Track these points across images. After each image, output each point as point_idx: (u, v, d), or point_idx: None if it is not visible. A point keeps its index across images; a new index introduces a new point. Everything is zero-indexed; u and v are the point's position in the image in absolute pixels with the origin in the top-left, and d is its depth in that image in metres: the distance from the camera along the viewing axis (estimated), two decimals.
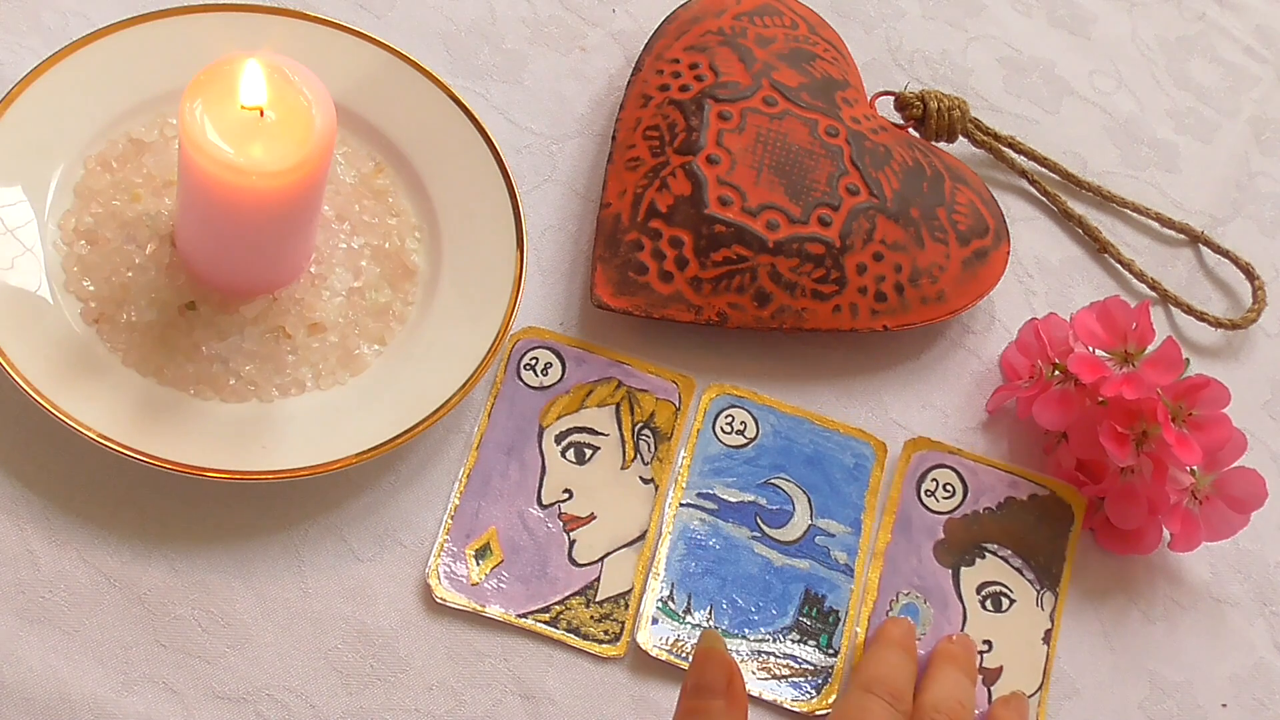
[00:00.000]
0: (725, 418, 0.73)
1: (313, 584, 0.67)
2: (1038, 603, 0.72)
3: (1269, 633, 0.74)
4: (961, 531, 0.72)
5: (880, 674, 0.66)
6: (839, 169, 0.75)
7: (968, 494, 0.73)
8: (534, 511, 0.70)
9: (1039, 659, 0.70)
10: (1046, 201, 0.84)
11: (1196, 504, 0.72)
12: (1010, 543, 0.73)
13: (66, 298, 0.68)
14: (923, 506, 0.73)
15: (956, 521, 0.73)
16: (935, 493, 0.73)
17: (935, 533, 0.72)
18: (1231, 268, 0.84)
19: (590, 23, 0.85)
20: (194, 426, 0.66)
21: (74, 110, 0.72)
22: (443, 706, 0.65)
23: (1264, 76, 0.93)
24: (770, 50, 0.78)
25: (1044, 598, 0.72)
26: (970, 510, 0.73)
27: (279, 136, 0.62)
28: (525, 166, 0.79)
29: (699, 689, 0.59)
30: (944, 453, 0.74)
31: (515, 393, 0.72)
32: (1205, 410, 0.71)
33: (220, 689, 0.64)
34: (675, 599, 0.69)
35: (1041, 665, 0.70)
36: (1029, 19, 0.92)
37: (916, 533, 0.72)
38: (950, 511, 0.73)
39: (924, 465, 0.74)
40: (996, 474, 0.74)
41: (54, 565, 0.65)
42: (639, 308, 0.73)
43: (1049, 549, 0.73)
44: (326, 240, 0.71)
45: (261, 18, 0.75)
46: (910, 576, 0.71)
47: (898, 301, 0.75)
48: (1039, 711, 0.69)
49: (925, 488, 0.73)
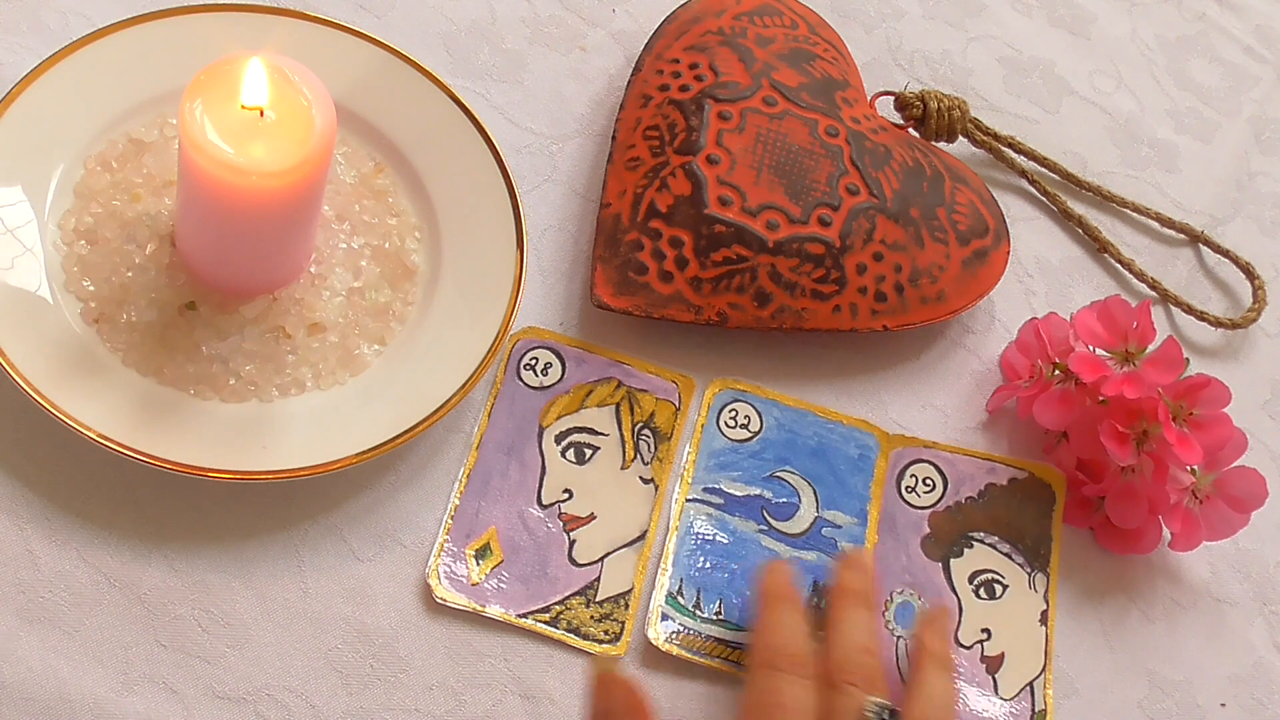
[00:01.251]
0: (729, 412, 0.73)
1: (313, 584, 0.67)
2: (1030, 585, 0.72)
3: (1269, 632, 0.74)
4: (946, 524, 0.73)
5: (775, 642, 0.63)
6: (839, 169, 0.75)
7: (948, 486, 0.74)
8: (534, 511, 0.70)
9: (1039, 641, 0.71)
10: (1046, 201, 0.85)
11: (1197, 503, 0.72)
12: (996, 529, 0.73)
13: (66, 298, 0.68)
14: (905, 503, 0.73)
15: (940, 514, 0.73)
16: (915, 488, 0.73)
17: (920, 528, 0.72)
18: (1231, 267, 0.85)
19: (590, 23, 0.85)
20: (194, 426, 0.66)
21: (74, 110, 0.72)
22: (443, 706, 0.65)
23: (1264, 76, 0.93)
24: (770, 50, 0.78)
25: (1035, 579, 0.72)
26: (952, 501, 0.73)
27: (279, 136, 0.62)
28: (525, 166, 0.79)
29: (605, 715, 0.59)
30: (919, 447, 0.74)
31: (515, 393, 0.72)
32: (1206, 410, 0.71)
33: (220, 689, 0.64)
34: (684, 594, 0.69)
35: (1042, 646, 0.70)
36: (1029, 19, 0.92)
37: (902, 530, 0.72)
38: (933, 505, 0.73)
39: (901, 462, 0.74)
40: (974, 462, 0.74)
41: (54, 565, 0.65)
42: (639, 308, 0.73)
43: (1035, 530, 0.73)
44: (326, 240, 0.71)
45: (261, 18, 0.75)
46: (901, 575, 0.71)
47: (898, 301, 0.75)
48: (1044, 694, 0.69)
49: (905, 484, 0.73)
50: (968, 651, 0.70)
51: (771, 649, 0.63)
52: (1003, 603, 0.71)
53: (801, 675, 0.62)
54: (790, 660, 0.62)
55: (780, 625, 0.64)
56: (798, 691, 0.61)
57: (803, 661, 0.62)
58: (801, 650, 0.63)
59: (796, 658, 0.62)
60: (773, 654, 0.63)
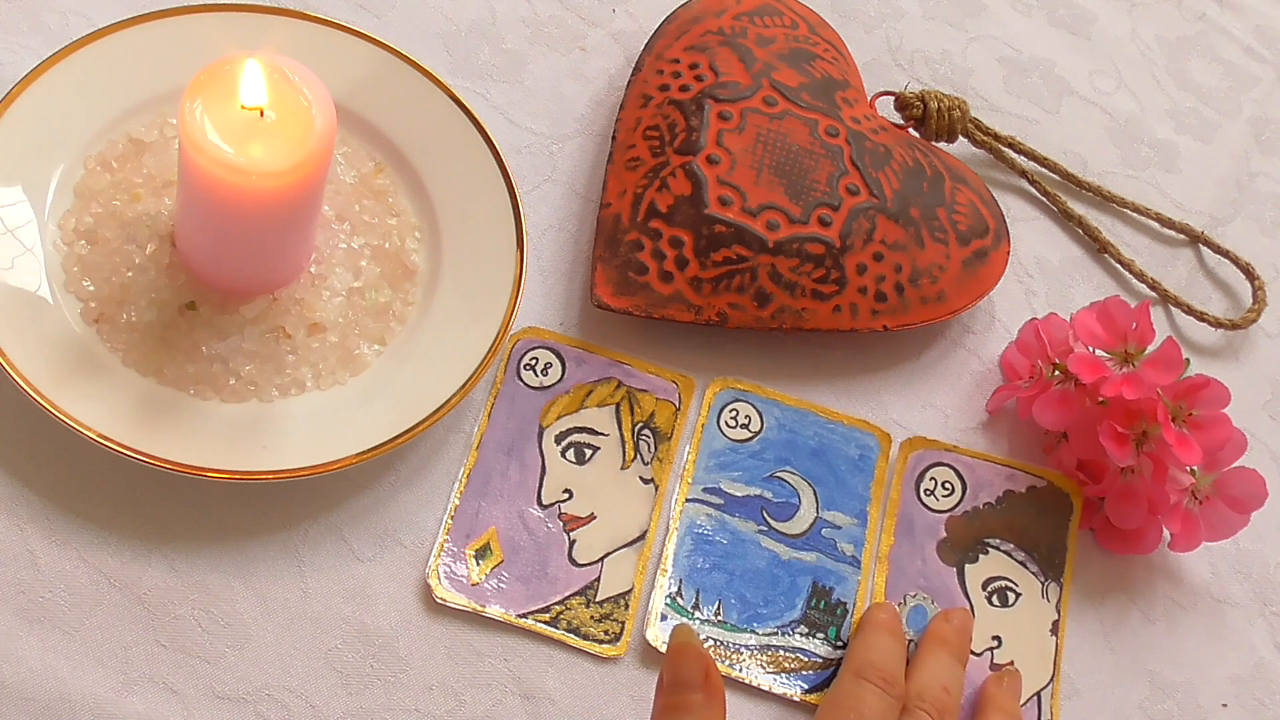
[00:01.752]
0: (730, 412, 0.73)
1: (313, 584, 0.67)
2: (1043, 595, 0.72)
3: (1269, 633, 0.74)
4: (963, 529, 0.73)
5: (871, 659, 0.66)
6: (839, 169, 0.75)
7: (966, 491, 0.73)
8: (534, 511, 0.70)
9: (1048, 651, 0.71)
10: (1046, 201, 0.84)
11: (1196, 504, 0.72)
12: (1012, 536, 0.73)
13: (66, 298, 0.68)
14: (923, 506, 0.73)
15: (957, 519, 0.73)
16: (934, 492, 0.73)
17: (937, 532, 0.72)
18: (1231, 268, 0.85)
19: (590, 23, 0.85)
20: (194, 426, 0.66)
21: (74, 110, 0.72)
22: (443, 706, 0.65)
23: (1264, 76, 0.93)
24: (770, 50, 0.78)
25: (1049, 589, 0.72)
26: (970, 507, 0.73)
27: (279, 136, 0.62)
28: (525, 166, 0.79)
29: (676, 684, 0.59)
30: (940, 450, 0.74)
31: (515, 393, 0.72)
32: (1205, 410, 0.71)
33: (220, 689, 0.64)
34: (683, 594, 0.69)
35: (1051, 657, 0.70)
36: (1029, 19, 0.92)
37: (919, 533, 0.72)
38: (950, 509, 0.73)
39: (921, 464, 0.74)
40: (994, 468, 0.74)
41: (54, 565, 0.65)
42: (639, 308, 0.73)
43: (1050, 540, 0.73)
44: (326, 240, 0.71)
45: (261, 18, 0.75)
46: (916, 578, 0.71)
47: (898, 301, 0.75)
48: (1051, 705, 0.69)
49: (924, 487, 0.73)
50: (977, 658, 0.70)
51: (866, 662, 0.66)
52: (1015, 611, 0.71)
53: (887, 693, 0.65)
54: (879, 675, 0.65)
55: (877, 646, 0.67)
56: (878, 704, 0.64)
57: (891, 681, 0.65)
58: (892, 672, 0.66)
59: (886, 676, 0.65)
60: (866, 666, 0.66)
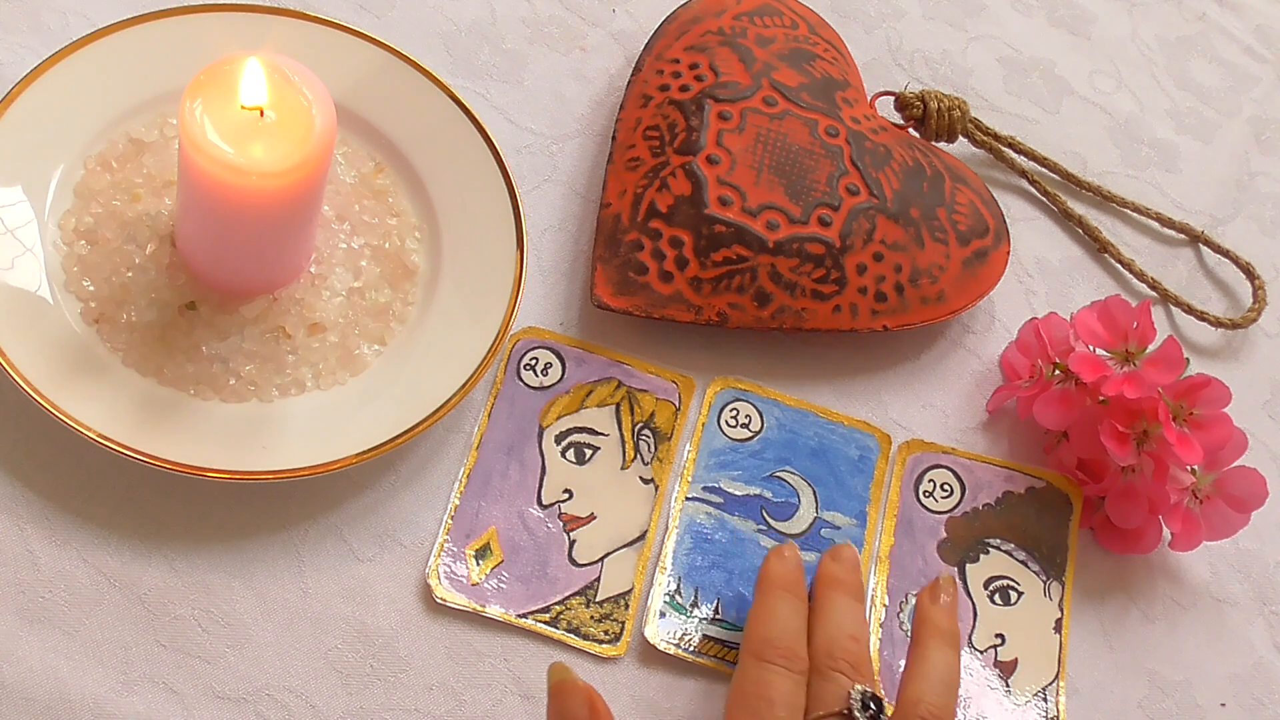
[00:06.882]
0: (730, 411, 0.73)
1: (313, 584, 0.67)
2: (1045, 593, 0.72)
3: (1269, 632, 0.74)
4: (963, 529, 0.73)
5: (769, 635, 0.62)
6: (839, 169, 0.75)
7: (965, 492, 0.74)
8: (534, 511, 0.70)
9: (1053, 648, 0.71)
10: (1046, 201, 0.85)
11: (1197, 503, 0.72)
12: (1012, 536, 0.73)
13: (66, 298, 0.68)
14: (922, 508, 0.73)
15: (957, 520, 0.73)
16: (933, 493, 0.73)
17: (937, 532, 0.72)
18: (1231, 268, 0.85)
19: (590, 23, 0.85)
20: (194, 426, 0.66)
21: (74, 110, 0.72)
22: (443, 706, 0.65)
23: (1264, 76, 0.93)
24: (770, 50, 0.78)
25: (1051, 588, 0.72)
26: (970, 508, 0.73)
27: (279, 136, 0.62)
28: (525, 166, 0.79)
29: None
30: (938, 453, 0.74)
31: (515, 393, 0.72)
32: (1206, 409, 0.71)
33: (220, 689, 0.64)
34: (682, 593, 0.69)
35: (1055, 654, 0.70)
36: (1029, 19, 0.92)
37: (919, 534, 0.72)
38: (950, 510, 0.73)
39: (920, 467, 0.74)
40: (992, 470, 0.74)
41: (54, 565, 0.65)
42: (639, 308, 0.73)
43: (1051, 540, 0.73)
44: (326, 240, 0.71)
45: (261, 18, 0.75)
46: (917, 578, 0.71)
47: (898, 301, 0.75)
48: (1058, 701, 0.69)
49: (923, 489, 0.73)
50: (982, 655, 0.70)
51: (764, 640, 0.62)
52: (1017, 609, 0.71)
53: (791, 670, 0.61)
54: (781, 653, 0.62)
55: (775, 615, 0.64)
56: (786, 685, 0.61)
57: (794, 656, 0.62)
58: (792, 645, 0.62)
59: (786, 651, 0.62)
60: (765, 646, 0.62)
